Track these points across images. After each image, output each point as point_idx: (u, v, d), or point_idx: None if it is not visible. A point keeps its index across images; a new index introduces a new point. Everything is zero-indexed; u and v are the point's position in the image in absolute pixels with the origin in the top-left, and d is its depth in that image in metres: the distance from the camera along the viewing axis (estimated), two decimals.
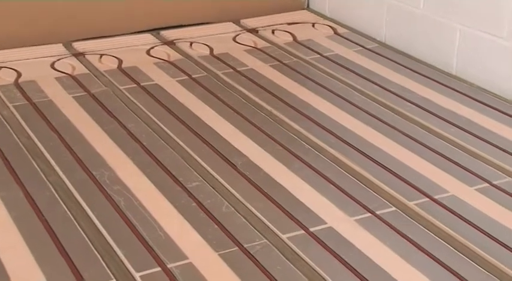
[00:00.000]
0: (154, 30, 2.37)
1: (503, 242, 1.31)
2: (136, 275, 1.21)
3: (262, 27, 2.40)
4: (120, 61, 2.13)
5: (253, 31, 2.37)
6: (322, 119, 1.79)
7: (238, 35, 2.34)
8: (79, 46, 2.23)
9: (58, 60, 2.13)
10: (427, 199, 1.45)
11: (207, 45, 2.25)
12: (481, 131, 1.74)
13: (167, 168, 1.55)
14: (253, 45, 2.25)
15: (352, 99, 1.90)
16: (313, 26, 2.42)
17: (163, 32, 2.35)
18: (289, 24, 2.43)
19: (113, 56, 2.16)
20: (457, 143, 1.68)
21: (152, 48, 2.23)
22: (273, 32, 2.37)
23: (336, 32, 2.37)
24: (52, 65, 2.09)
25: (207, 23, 2.43)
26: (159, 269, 1.23)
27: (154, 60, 2.14)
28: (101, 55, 2.17)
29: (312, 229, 1.34)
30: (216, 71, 2.07)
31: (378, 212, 1.40)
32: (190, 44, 2.26)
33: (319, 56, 2.18)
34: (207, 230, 1.34)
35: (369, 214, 1.39)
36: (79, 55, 2.17)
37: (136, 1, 2.35)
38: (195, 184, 1.49)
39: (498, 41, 1.94)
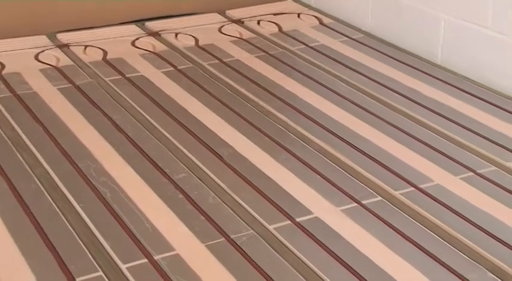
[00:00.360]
0: (139, 21, 2.36)
1: (487, 230, 1.32)
2: (123, 267, 1.21)
3: (248, 18, 2.40)
4: (105, 52, 2.11)
5: (239, 22, 2.37)
6: (308, 109, 1.79)
7: (223, 25, 2.33)
8: (63, 37, 2.22)
9: (42, 51, 2.11)
10: (413, 189, 1.46)
11: (192, 36, 2.25)
12: (465, 120, 1.75)
13: (153, 159, 1.55)
14: (239, 36, 2.25)
15: (338, 90, 1.90)
16: (298, 16, 2.42)
17: (148, 23, 2.34)
18: (274, 14, 2.43)
19: (98, 48, 2.15)
20: (441, 132, 1.69)
21: (137, 39, 2.22)
22: (258, 22, 2.36)
23: (321, 23, 2.37)
24: (36, 57, 2.08)
25: (193, 14, 2.42)
26: (145, 260, 1.22)
27: (140, 52, 2.13)
28: (86, 46, 2.16)
29: (298, 220, 1.35)
30: (201, 62, 2.07)
31: (363, 202, 1.41)
32: (176, 35, 2.25)
33: (305, 46, 2.18)
34: (194, 221, 1.34)
35: (355, 204, 1.40)
36: (63, 46, 2.15)
37: None
38: (181, 175, 1.49)
39: (482, 30, 1.95)
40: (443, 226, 1.33)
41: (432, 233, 1.31)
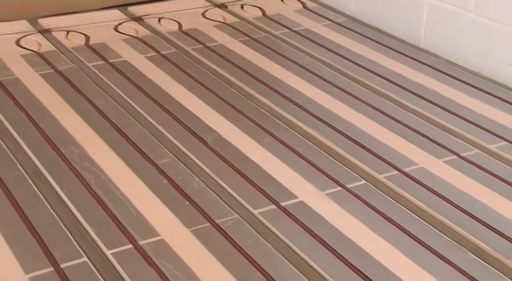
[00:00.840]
0: (122, 6, 2.34)
1: (470, 212, 1.33)
2: (108, 252, 1.21)
3: (231, 2, 2.39)
4: (88, 38, 2.10)
5: (222, 6, 2.36)
6: (292, 93, 1.79)
7: (207, 10, 2.32)
8: (45, 22, 2.20)
9: (23, 37, 2.09)
10: (397, 172, 1.46)
11: (175, 21, 2.23)
12: (449, 103, 1.75)
13: (137, 145, 1.54)
14: (222, 21, 2.24)
15: (321, 74, 1.90)
16: (282, 0, 2.41)
17: (131, 8, 2.32)
18: None
19: (80, 33, 2.13)
20: (425, 116, 1.70)
21: (120, 24, 2.20)
22: (242, 7, 2.35)
23: (304, 7, 2.36)
24: (17, 42, 2.05)
25: None
26: (130, 246, 1.22)
27: (123, 37, 2.11)
28: (68, 32, 2.14)
29: (283, 204, 1.35)
30: (185, 47, 2.06)
31: (348, 186, 1.41)
32: (159, 20, 2.24)
33: (288, 30, 2.18)
34: (179, 206, 1.33)
35: (339, 188, 1.40)
36: (45, 32, 2.13)
37: None
38: (165, 160, 1.49)
39: (465, 14, 1.95)
40: (427, 209, 1.34)
41: (416, 216, 1.32)
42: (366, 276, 1.16)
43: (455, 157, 1.52)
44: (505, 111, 1.72)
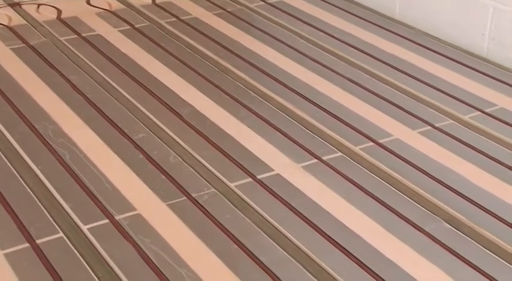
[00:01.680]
0: None
1: (444, 182, 1.35)
2: (84, 227, 1.20)
3: None
4: (59, 11, 2.07)
5: None
6: (267, 66, 1.79)
7: None
8: None
9: None
10: (372, 144, 1.47)
11: None
12: (423, 74, 1.76)
13: (112, 120, 1.53)
14: None
15: (297, 46, 1.90)
16: None
17: None
18: None
19: (52, 6, 2.10)
20: (399, 87, 1.70)
21: None
22: None
23: None
24: None
25: None
26: (107, 221, 1.22)
27: (95, 10, 2.08)
28: (39, 5, 2.10)
29: (259, 177, 1.35)
30: (159, 20, 2.04)
31: (324, 158, 1.42)
32: None
33: (263, 3, 2.17)
34: (155, 181, 1.33)
35: (316, 160, 1.41)
36: (15, 5, 2.10)
37: None
38: (141, 135, 1.48)
39: None
40: (402, 180, 1.35)
41: (391, 187, 1.33)
42: (343, 247, 1.17)
43: (429, 127, 1.54)
44: (478, 82, 1.73)
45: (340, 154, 1.43)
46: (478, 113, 1.60)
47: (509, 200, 1.30)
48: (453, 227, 1.23)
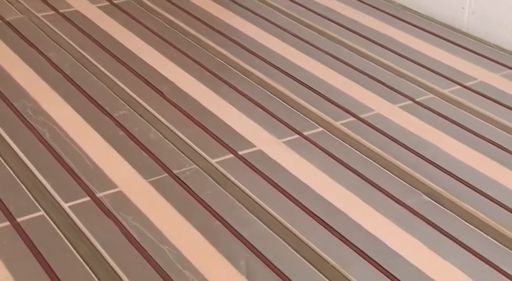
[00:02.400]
0: None
1: (425, 156, 1.36)
2: (65, 205, 1.20)
3: None
4: None
5: None
6: (248, 42, 1.78)
7: None
8: None
9: None
10: (353, 118, 1.47)
11: None
12: (404, 49, 1.76)
13: (92, 97, 1.52)
14: None
15: (277, 21, 1.89)
16: None
17: None
18: None
19: None
20: (380, 62, 1.70)
21: None
22: None
23: None
24: None
25: None
26: (88, 198, 1.22)
27: None
28: None
29: (241, 153, 1.35)
30: None
31: (305, 133, 1.42)
32: None
33: None
34: (136, 158, 1.33)
35: (297, 136, 1.41)
36: None
37: None
38: (121, 112, 1.47)
39: None
40: (383, 154, 1.36)
41: (372, 161, 1.34)
42: (324, 221, 1.18)
43: (410, 102, 1.54)
44: (458, 56, 1.74)
45: (321, 129, 1.44)
46: (458, 87, 1.60)
47: (490, 173, 1.31)
48: (433, 200, 1.24)
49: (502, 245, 1.14)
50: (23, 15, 1.88)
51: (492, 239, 1.16)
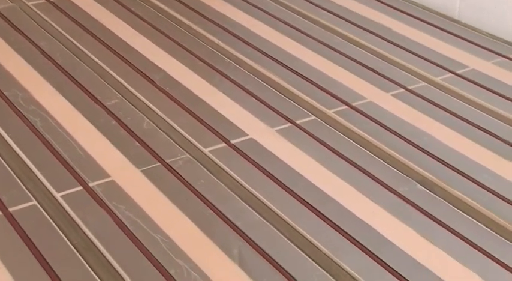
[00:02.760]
0: None
1: (417, 144, 1.36)
2: (57, 195, 1.20)
3: None
4: None
5: None
6: (240, 31, 1.77)
7: None
8: None
9: None
10: (346, 107, 1.47)
11: None
12: (396, 37, 1.76)
13: (84, 86, 1.52)
14: None
15: (269, 10, 1.88)
16: None
17: None
18: None
19: None
20: (372, 50, 1.70)
21: None
22: None
23: None
24: None
25: None
26: (80, 188, 1.21)
27: None
28: None
29: (233, 141, 1.35)
30: None
31: (298, 122, 1.42)
32: None
33: None
34: (128, 147, 1.32)
35: (289, 124, 1.41)
36: None
37: None
38: (113, 101, 1.47)
39: None
40: (376, 142, 1.36)
41: (365, 150, 1.34)
42: (317, 210, 1.18)
43: (402, 90, 1.54)
44: (451, 44, 1.74)
45: (313, 117, 1.44)
46: (450, 74, 1.61)
47: (481, 161, 1.32)
48: (426, 188, 1.24)
49: (493, 232, 1.15)
50: (13, 4, 1.86)
51: (484, 227, 1.16)
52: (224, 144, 1.34)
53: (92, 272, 1.04)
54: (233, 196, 1.21)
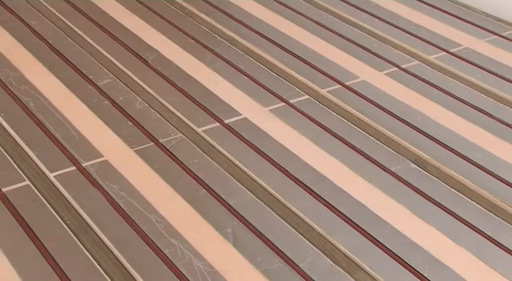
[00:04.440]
0: None
1: (411, 123, 1.36)
2: (51, 175, 1.19)
3: None
4: None
5: None
6: (232, 10, 1.76)
7: None
8: None
9: None
10: (339, 86, 1.47)
11: None
12: (389, 16, 1.75)
13: (76, 66, 1.51)
14: None
15: None
16: None
17: None
18: None
19: None
20: (366, 28, 1.69)
21: None
22: None
23: None
24: None
25: None
26: (73, 168, 1.21)
27: None
28: None
29: (226, 121, 1.35)
30: None
31: (291, 101, 1.41)
32: None
33: None
34: (121, 127, 1.32)
35: (283, 103, 1.41)
36: None
37: None
38: (106, 81, 1.46)
39: None
40: (369, 121, 1.36)
41: (358, 129, 1.34)
42: (311, 189, 1.18)
43: (395, 68, 1.54)
44: (443, 22, 1.73)
45: (307, 96, 1.43)
46: (444, 53, 1.60)
47: (474, 139, 1.32)
48: (419, 167, 1.25)
49: (486, 211, 1.15)
50: None
51: (477, 205, 1.17)
52: (217, 123, 1.34)
53: (86, 252, 1.04)
54: (226, 175, 1.21)
